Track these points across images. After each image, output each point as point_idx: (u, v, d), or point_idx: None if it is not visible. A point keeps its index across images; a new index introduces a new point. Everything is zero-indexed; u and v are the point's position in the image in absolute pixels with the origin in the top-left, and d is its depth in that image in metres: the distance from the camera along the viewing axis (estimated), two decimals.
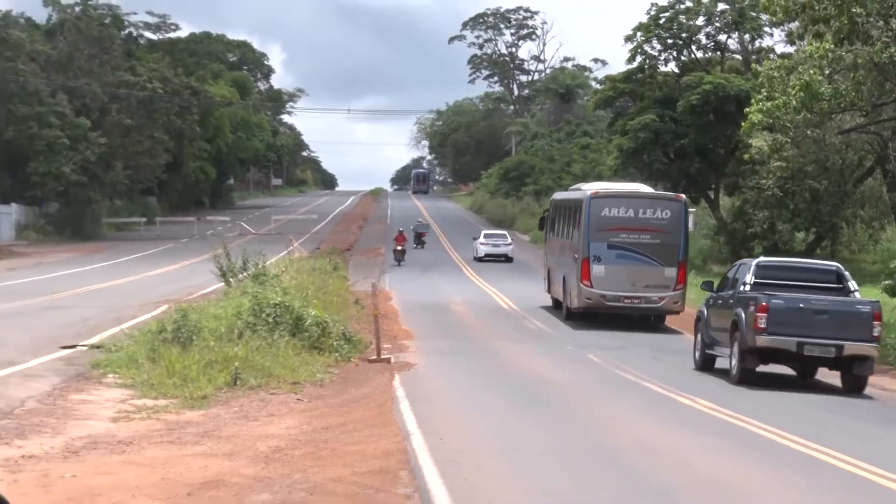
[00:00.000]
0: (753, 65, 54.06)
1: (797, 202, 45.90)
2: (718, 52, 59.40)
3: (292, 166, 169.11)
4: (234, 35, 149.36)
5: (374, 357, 22.46)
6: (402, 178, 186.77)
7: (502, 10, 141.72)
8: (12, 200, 69.16)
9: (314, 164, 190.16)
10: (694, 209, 54.36)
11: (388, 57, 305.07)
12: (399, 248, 54.26)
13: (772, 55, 53.14)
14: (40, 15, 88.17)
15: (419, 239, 64.71)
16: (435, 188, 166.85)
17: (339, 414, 16.16)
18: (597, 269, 32.11)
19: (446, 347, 25.79)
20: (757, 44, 59.84)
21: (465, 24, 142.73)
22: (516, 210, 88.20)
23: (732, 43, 60.11)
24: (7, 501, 2.15)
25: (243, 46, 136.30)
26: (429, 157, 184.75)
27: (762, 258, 25.85)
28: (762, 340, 20.51)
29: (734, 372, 21.29)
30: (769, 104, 30.79)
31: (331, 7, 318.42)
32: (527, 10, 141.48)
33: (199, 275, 39.15)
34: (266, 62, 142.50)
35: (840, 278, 22.18)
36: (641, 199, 33.78)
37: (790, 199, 45.89)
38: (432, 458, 12.58)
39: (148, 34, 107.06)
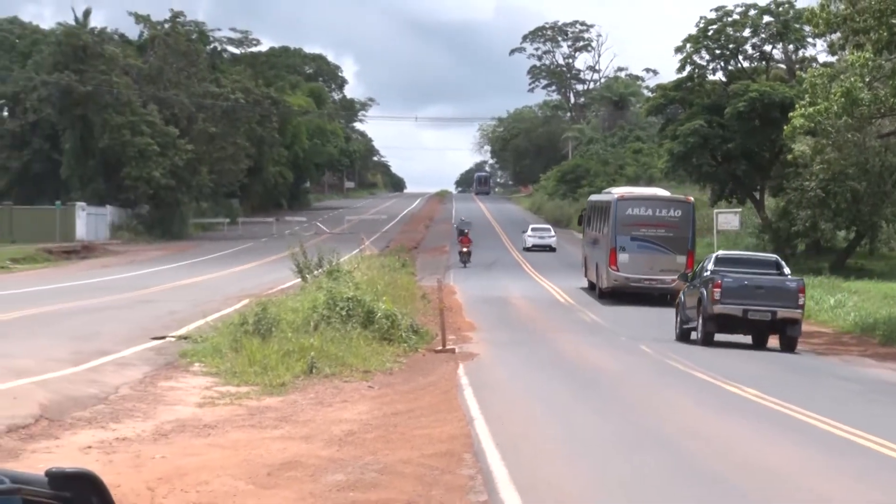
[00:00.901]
0: (798, 73, 53.47)
1: (838, 202, 45.36)
2: (764, 62, 58.84)
3: (364, 170, 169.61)
4: (310, 49, 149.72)
5: (440, 347, 22.47)
6: (466, 181, 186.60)
7: (560, 23, 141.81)
8: (107, 203, 69.96)
9: (384, 168, 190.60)
10: (740, 209, 54.21)
11: (454, 68, 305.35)
12: (465, 249, 51.56)
13: (814, 64, 52.51)
14: (133, 31, 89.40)
15: (463, 234, 64.74)
16: (496, 190, 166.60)
17: (408, 400, 16.18)
18: (622, 257, 37.07)
19: (507, 338, 25.75)
20: (800, 54, 59.24)
21: (525, 38, 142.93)
22: (572, 210, 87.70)
23: (777, 53, 59.54)
24: (101, 480, 2.15)
25: (319, 59, 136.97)
26: (491, 161, 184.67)
27: (720, 252, 30.81)
28: (717, 308, 25.05)
29: (699, 337, 25.81)
30: (812, 109, 30.47)
31: (400, 22, 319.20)
32: (583, 24, 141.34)
33: (278, 271, 39.39)
34: (340, 74, 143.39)
35: (778, 265, 26.96)
36: (658, 201, 39.11)
37: (832, 199, 45.37)
38: (494, 441, 12.54)
39: (231, 48, 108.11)
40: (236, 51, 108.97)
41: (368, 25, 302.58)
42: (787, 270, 26.84)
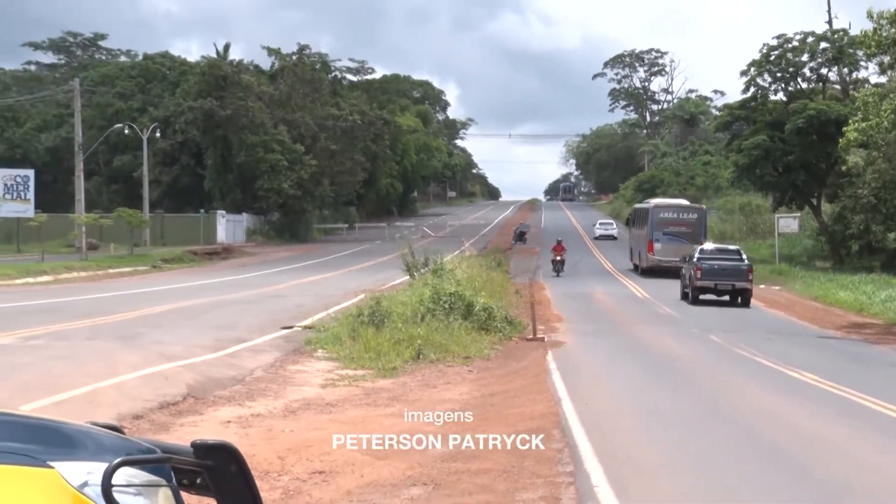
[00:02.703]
0: (851, 93, 52.30)
1: (889, 207, 44.35)
2: (820, 83, 57.63)
3: (464, 181, 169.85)
4: (418, 76, 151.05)
5: (531, 336, 22.39)
6: (553, 190, 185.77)
7: (637, 51, 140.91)
8: (243, 211, 71.00)
9: (482, 179, 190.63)
10: (799, 214, 53.35)
11: (543, 91, 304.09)
12: (558, 258, 46.11)
13: (867, 84, 51.43)
14: (265, 63, 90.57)
15: (522, 237, 64.59)
16: (580, 198, 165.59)
17: (503, 383, 16.15)
18: (656, 246, 46.01)
19: (591, 329, 25.57)
20: (854, 75, 57.95)
21: (606, 64, 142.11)
22: None
23: (832, 75, 58.27)
24: (239, 451, 2.17)
25: (425, 85, 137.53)
26: (575, 173, 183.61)
27: (703, 244, 38.16)
28: (698, 283, 33.84)
29: (689, 299, 34.34)
30: (864, 124, 29.81)
31: (496, 52, 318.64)
32: (657, 51, 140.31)
33: (389, 270, 39.58)
34: (443, 97, 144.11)
35: (740, 253, 35.33)
36: (681, 208, 48.93)
37: (883, 205, 44.38)
38: (579, 419, 12.47)
39: (349, 76, 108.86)
40: (354, 78, 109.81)
41: (468, 55, 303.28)
42: (744, 257, 35.08)
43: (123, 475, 1.91)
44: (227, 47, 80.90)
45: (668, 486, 9.43)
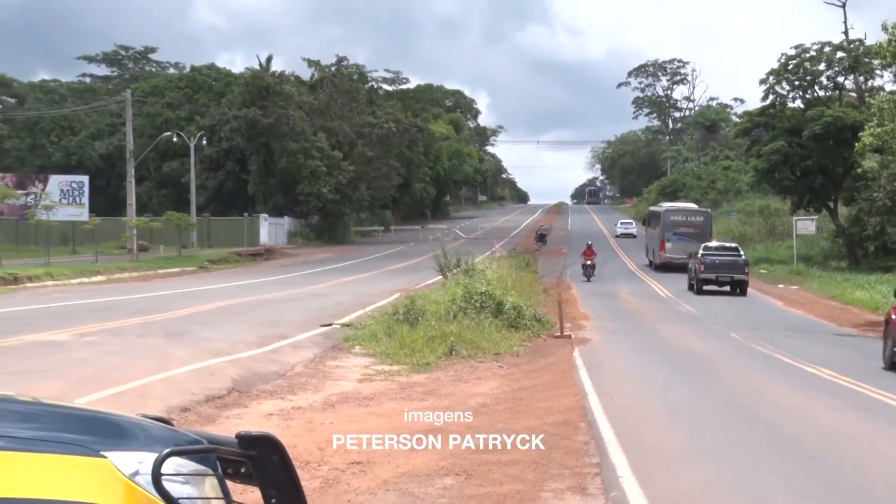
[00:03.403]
0: (867, 100, 51.79)
1: None
2: (837, 91, 57.09)
3: (494, 186, 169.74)
4: (450, 85, 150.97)
5: (558, 334, 22.33)
6: (580, 194, 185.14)
7: (660, 61, 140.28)
8: (285, 214, 71.29)
9: (511, 183, 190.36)
10: (816, 217, 53.03)
11: (570, 100, 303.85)
12: (588, 262, 43.15)
13: (882, 92, 50.88)
14: (305, 74, 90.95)
15: (542, 238, 64.24)
16: (605, 202, 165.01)
17: (531, 378, 16.11)
18: (668, 245, 48.73)
19: (616, 326, 25.46)
20: (869, 83, 57.38)
21: (630, 73, 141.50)
22: None
23: (849, 83, 57.67)
24: (281, 442, 2.18)
25: (457, 94, 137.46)
26: (601, 177, 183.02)
27: (707, 243, 41.34)
28: (702, 276, 37.05)
29: (694, 290, 37.45)
30: (879, 130, 29.58)
31: (525, 62, 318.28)
32: (679, 61, 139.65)
33: (423, 270, 39.56)
34: (474, 105, 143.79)
35: (738, 250, 39.06)
36: (688, 210, 52.12)
37: None
38: (605, 413, 12.43)
39: (385, 86, 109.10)
40: (389, 88, 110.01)
41: (498, 65, 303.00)
42: (742, 253, 38.72)
43: (172, 465, 1.93)
44: (269, 59, 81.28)
45: (690, 477, 9.38)
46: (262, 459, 2.13)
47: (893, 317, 18.00)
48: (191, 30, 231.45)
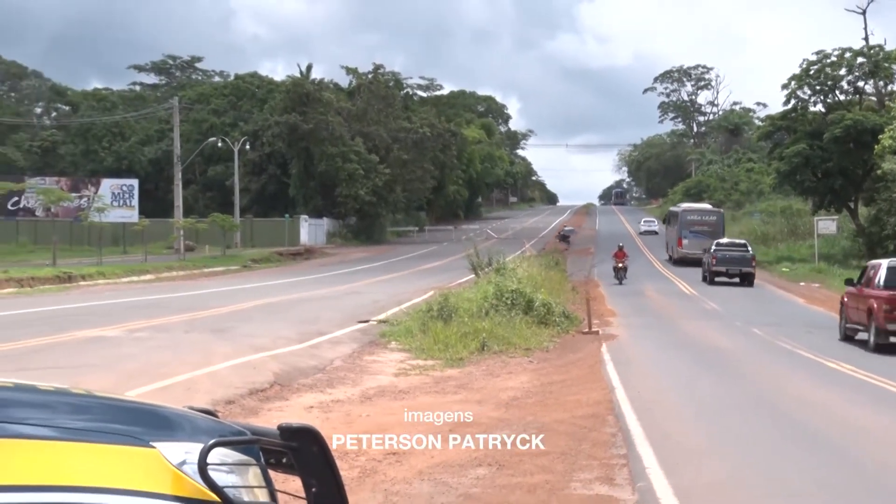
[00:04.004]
0: (887, 104, 51.22)
1: None
2: (857, 95, 56.44)
3: (524, 187, 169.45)
4: (482, 91, 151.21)
5: (587, 330, 22.26)
6: (607, 196, 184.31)
7: (685, 67, 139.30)
8: (324, 215, 71.54)
9: (540, 185, 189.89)
10: (837, 217, 52.49)
11: (598, 104, 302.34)
12: (620, 265, 40.33)
13: None
14: (344, 81, 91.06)
15: (566, 239, 63.83)
16: (631, 203, 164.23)
17: (561, 372, 16.07)
18: (685, 241, 51.15)
19: (642, 323, 25.35)
20: (889, 88, 56.69)
21: (656, 79, 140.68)
22: None
23: (869, 88, 56.97)
24: (321, 433, 2.18)
25: (489, 100, 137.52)
26: (627, 179, 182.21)
27: (719, 239, 43.57)
28: (714, 268, 40.08)
29: (706, 280, 40.36)
30: None
31: (555, 68, 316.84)
32: (704, 67, 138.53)
33: (456, 269, 39.53)
34: (506, 111, 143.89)
35: (746, 246, 41.70)
36: (703, 210, 54.91)
37: None
38: (632, 406, 12.38)
39: (420, 92, 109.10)
40: (424, 94, 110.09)
41: (529, 71, 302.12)
42: (749, 249, 41.58)
43: (217, 455, 1.94)
44: (309, 67, 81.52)
45: (714, 468, 9.32)
46: (302, 450, 2.13)
47: (845, 300, 22.61)
48: (234, 40, 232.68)
